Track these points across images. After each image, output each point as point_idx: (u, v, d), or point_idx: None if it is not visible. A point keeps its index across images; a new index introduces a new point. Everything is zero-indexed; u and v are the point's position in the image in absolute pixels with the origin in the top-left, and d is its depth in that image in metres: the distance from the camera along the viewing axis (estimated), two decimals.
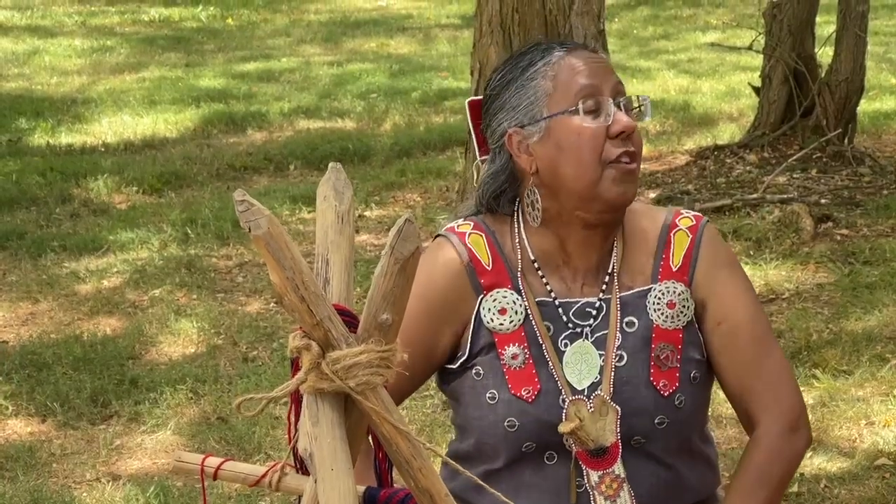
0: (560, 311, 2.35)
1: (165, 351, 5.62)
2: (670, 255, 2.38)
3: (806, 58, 8.16)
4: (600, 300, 2.36)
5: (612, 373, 2.31)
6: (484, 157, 2.46)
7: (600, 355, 2.33)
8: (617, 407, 2.29)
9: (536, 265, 2.38)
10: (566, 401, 2.30)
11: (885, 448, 4.51)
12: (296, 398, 1.75)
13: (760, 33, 8.46)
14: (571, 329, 2.35)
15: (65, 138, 9.36)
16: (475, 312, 2.36)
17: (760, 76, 8.41)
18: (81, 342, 5.66)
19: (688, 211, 2.45)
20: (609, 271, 2.37)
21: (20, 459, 4.69)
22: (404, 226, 1.61)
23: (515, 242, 2.39)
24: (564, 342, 2.34)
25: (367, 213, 7.52)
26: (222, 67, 11.88)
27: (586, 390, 2.31)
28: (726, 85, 10.41)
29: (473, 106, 2.52)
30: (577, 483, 2.31)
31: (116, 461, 4.70)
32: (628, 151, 2.30)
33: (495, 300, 2.35)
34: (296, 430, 1.73)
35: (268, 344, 5.65)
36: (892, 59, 11.23)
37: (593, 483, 2.30)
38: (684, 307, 2.35)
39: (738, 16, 13.20)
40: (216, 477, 1.85)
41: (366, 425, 1.70)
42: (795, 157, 7.78)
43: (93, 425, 4.98)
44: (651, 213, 2.45)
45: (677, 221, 2.41)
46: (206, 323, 5.84)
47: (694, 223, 2.41)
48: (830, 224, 6.82)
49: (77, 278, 6.49)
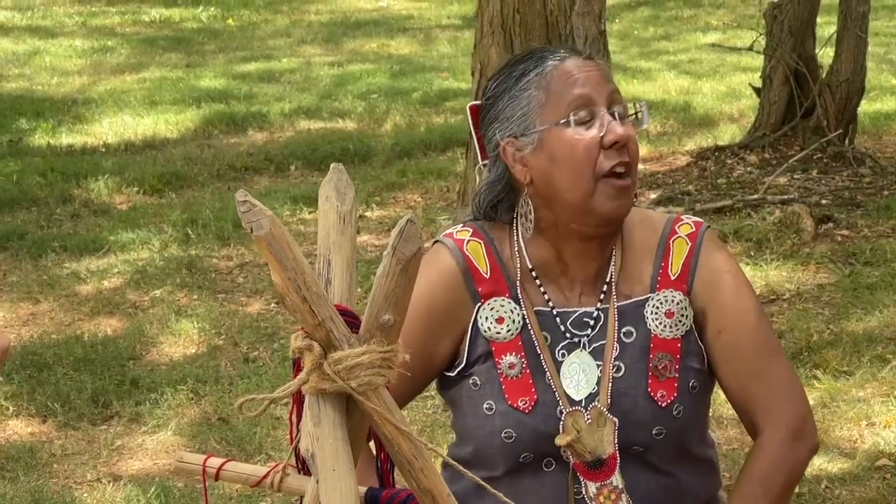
0: (558, 321, 2.34)
1: (166, 351, 5.62)
2: (669, 264, 2.35)
3: (807, 58, 8.16)
4: (598, 310, 2.34)
5: (610, 384, 2.29)
6: (486, 162, 2.44)
7: (598, 366, 2.31)
8: (614, 419, 2.27)
9: (534, 274, 2.36)
10: (563, 412, 2.28)
11: (886, 449, 4.51)
12: (297, 399, 1.74)
13: (761, 34, 8.46)
14: (569, 339, 2.33)
15: (65, 139, 9.36)
16: (472, 321, 2.34)
17: (761, 77, 8.40)
18: (82, 343, 5.66)
19: (689, 217, 2.42)
20: (607, 280, 2.35)
21: (21, 460, 4.69)
22: (406, 226, 1.61)
23: (514, 251, 2.36)
24: (562, 352, 2.32)
25: (368, 214, 7.52)
26: (223, 68, 11.88)
27: (584, 401, 2.29)
28: (727, 86, 10.40)
29: (474, 111, 2.50)
30: (576, 490, 2.29)
31: (117, 462, 4.70)
32: (622, 162, 2.27)
33: (493, 309, 2.33)
34: (297, 431, 1.73)
35: (268, 344, 5.66)
36: (893, 60, 11.23)
37: (591, 494, 2.29)
38: (683, 316, 2.32)
39: (739, 16, 13.19)
40: (218, 477, 1.85)
41: (367, 426, 1.70)
42: (796, 158, 7.77)
43: (93, 426, 4.98)
44: (651, 220, 2.41)
45: (677, 228, 2.38)
46: (207, 323, 5.84)
47: (693, 230, 2.38)
48: (831, 225, 6.82)
49: (78, 279, 6.49)
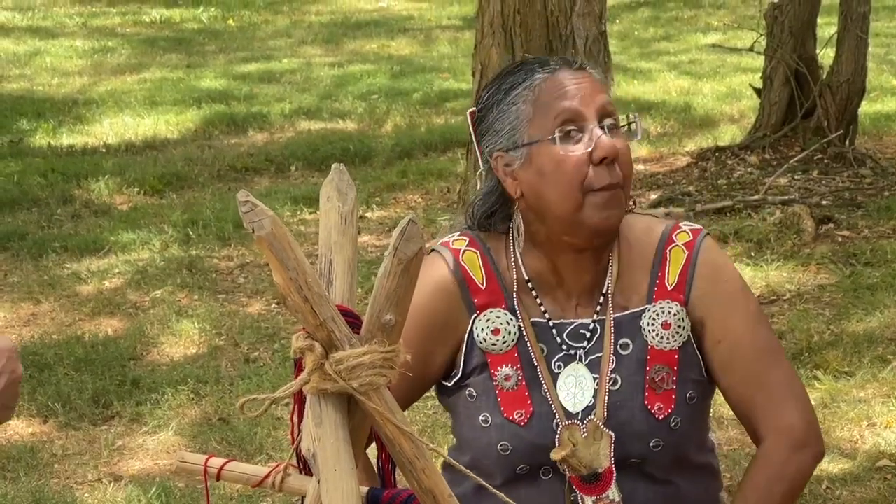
0: (554, 333, 2.32)
1: (167, 352, 5.62)
2: (665, 274, 2.32)
3: (807, 59, 8.16)
4: (594, 322, 2.31)
5: (606, 397, 2.27)
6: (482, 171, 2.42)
7: (594, 378, 2.28)
8: (610, 433, 2.25)
9: (531, 285, 2.33)
10: (559, 425, 2.26)
11: (887, 449, 4.51)
12: (299, 399, 1.75)
13: (761, 35, 8.46)
14: (565, 351, 2.31)
15: (66, 139, 9.36)
16: (468, 332, 2.32)
17: (761, 77, 8.40)
18: (83, 343, 5.66)
19: (687, 224, 2.38)
20: (604, 292, 2.32)
21: (22, 460, 4.69)
22: (408, 226, 1.61)
23: (510, 261, 2.34)
24: (558, 364, 2.30)
25: (369, 214, 7.52)
26: (223, 68, 11.88)
27: (580, 414, 2.27)
28: (727, 86, 10.40)
29: (474, 117, 2.47)
30: (572, 499, 2.27)
31: (118, 462, 4.70)
32: (612, 179, 2.23)
33: (488, 320, 2.31)
34: (299, 431, 1.73)
35: (269, 345, 5.66)
36: (894, 61, 11.23)
37: None
38: (680, 327, 2.29)
39: (739, 17, 13.19)
40: (219, 477, 1.85)
41: (369, 426, 1.70)
42: (796, 159, 7.78)
43: (94, 426, 4.98)
44: (648, 228, 2.37)
45: (674, 237, 2.34)
46: (208, 324, 5.84)
47: (691, 238, 2.34)
48: (831, 225, 6.82)
49: (78, 279, 6.49)
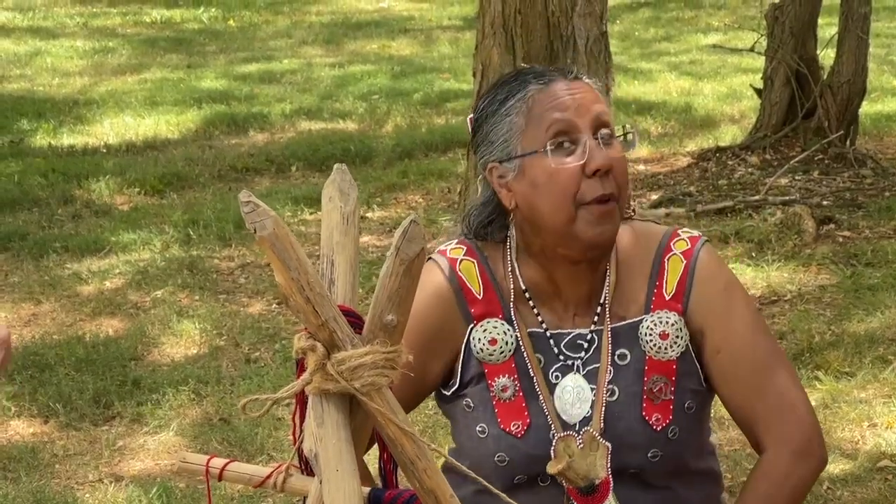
0: (551, 343, 2.30)
1: (168, 352, 5.62)
2: (664, 283, 2.30)
3: (808, 60, 8.16)
4: (592, 332, 2.30)
5: (603, 408, 2.26)
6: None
7: (592, 389, 2.27)
8: (607, 444, 2.24)
9: (528, 295, 2.32)
10: (556, 436, 2.25)
11: (888, 450, 4.51)
12: (301, 399, 1.75)
13: (762, 35, 8.46)
14: (562, 361, 2.29)
15: (66, 139, 9.36)
16: (465, 342, 2.31)
17: (762, 78, 8.40)
18: (84, 343, 5.66)
19: (686, 231, 2.36)
20: (601, 302, 2.30)
21: (23, 460, 4.69)
22: (409, 227, 1.61)
23: (508, 271, 2.32)
24: (556, 374, 2.29)
25: (369, 215, 7.52)
26: (224, 69, 11.88)
27: (577, 425, 2.26)
28: (728, 87, 10.40)
29: (472, 124, 2.46)
30: None
31: (119, 462, 4.70)
32: (606, 191, 2.20)
33: (485, 330, 2.30)
34: (301, 432, 1.73)
35: (270, 345, 5.65)
36: (894, 61, 11.23)
37: None
38: (678, 337, 2.27)
39: (740, 18, 13.20)
40: (221, 478, 1.85)
41: (371, 426, 1.70)
42: (797, 159, 7.78)
43: (95, 426, 4.98)
44: (646, 236, 2.35)
45: (672, 245, 2.32)
46: (209, 324, 5.84)
47: (689, 247, 2.32)
48: (832, 226, 6.82)
49: (79, 279, 6.49)
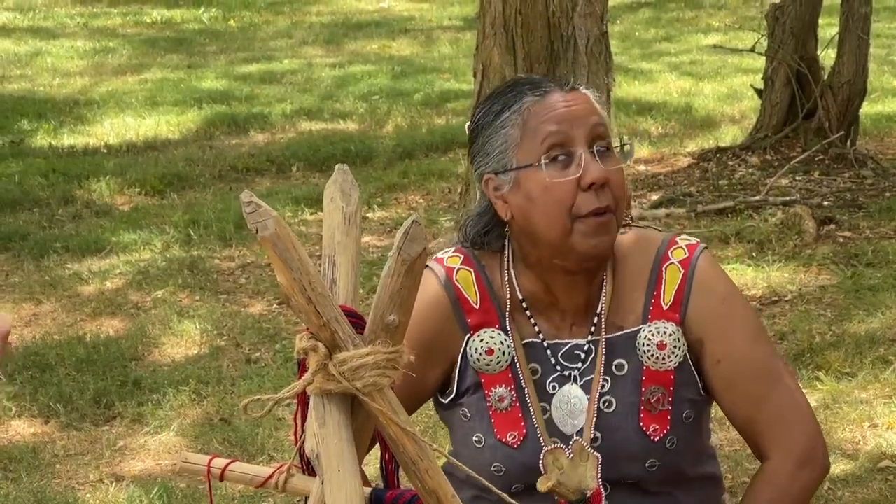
0: (549, 353, 2.29)
1: (168, 352, 5.62)
2: (661, 293, 2.28)
3: (808, 60, 8.16)
4: (589, 342, 2.29)
5: (598, 419, 2.25)
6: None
7: (588, 400, 2.26)
8: (597, 454, 2.24)
9: (524, 305, 2.31)
10: (544, 450, 2.25)
11: (889, 450, 4.51)
12: (302, 399, 1.75)
13: (763, 35, 8.46)
14: (559, 372, 2.29)
15: (67, 139, 9.36)
16: (462, 351, 2.30)
17: (763, 78, 8.40)
18: (84, 343, 5.66)
19: (684, 238, 2.34)
20: (598, 312, 2.29)
21: (24, 460, 4.69)
22: (411, 227, 1.61)
23: (504, 280, 2.31)
24: (553, 385, 2.28)
25: (370, 215, 7.52)
26: (224, 69, 11.88)
27: (575, 436, 2.25)
28: (728, 87, 10.40)
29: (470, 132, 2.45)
30: None
31: (119, 462, 4.70)
32: (601, 203, 2.19)
33: (482, 340, 2.29)
34: (302, 432, 1.73)
35: (270, 345, 5.65)
36: (895, 62, 11.23)
37: None
38: (676, 347, 2.26)
39: (740, 18, 13.20)
40: (223, 478, 1.85)
41: (372, 427, 1.70)
42: (798, 160, 7.78)
43: (96, 426, 4.98)
44: (644, 244, 2.33)
45: (670, 254, 2.30)
46: (209, 324, 5.84)
47: (686, 256, 2.30)
48: (833, 226, 6.82)
49: (80, 279, 6.49)
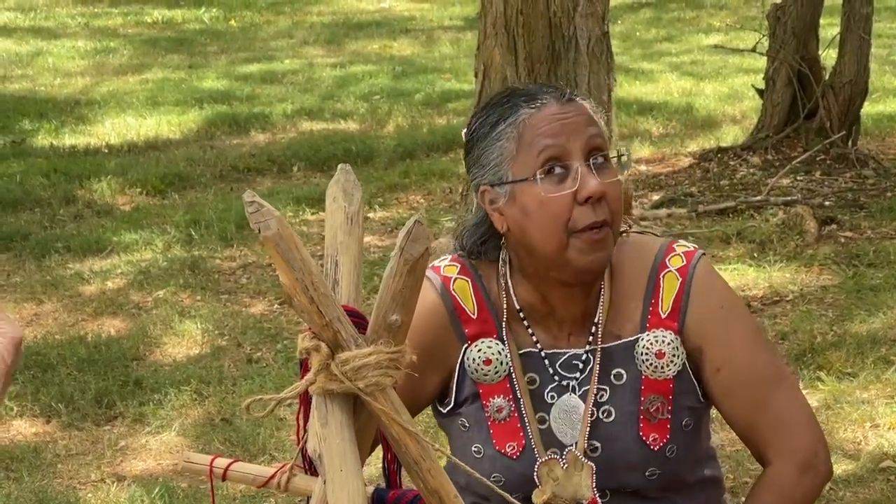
0: (546, 363, 2.28)
1: (169, 352, 5.62)
2: (659, 301, 2.26)
3: (809, 60, 8.16)
4: (587, 352, 2.27)
5: (598, 429, 2.24)
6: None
7: (584, 410, 2.25)
8: (591, 464, 2.23)
9: (522, 315, 2.30)
10: (538, 462, 2.24)
11: (890, 451, 4.51)
12: (305, 399, 1.75)
13: (764, 35, 8.46)
14: (557, 382, 2.27)
15: (68, 139, 9.36)
16: (459, 362, 2.29)
17: (764, 78, 8.40)
18: (86, 343, 5.66)
19: (681, 245, 2.32)
20: (595, 321, 2.28)
21: (25, 460, 4.70)
22: (413, 227, 1.61)
23: (502, 290, 2.30)
24: (551, 395, 2.27)
25: (371, 215, 7.52)
26: (225, 69, 11.88)
27: (574, 445, 2.25)
28: (729, 87, 10.40)
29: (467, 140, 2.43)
30: None
31: (121, 462, 4.70)
32: (598, 217, 2.17)
33: (480, 350, 2.28)
34: (305, 432, 1.73)
35: (272, 345, 5.65)
36: None
37: None
38: (675, 356, 2.24)
39: (742, 18, 13.19)
40: (225, 478, 1.85)
41: (375, 427, 1.70)
42: (799, 160, 7.77)
43: (97, 426, 4.98)
44: (641, 252, 2.31)
45: (667, 262, 2.28)
46: (210, 324, 5.84)
47: (684, 263, 2.28)
48: (834, 226, 6.81)
49: (81, 279, 6.49)
